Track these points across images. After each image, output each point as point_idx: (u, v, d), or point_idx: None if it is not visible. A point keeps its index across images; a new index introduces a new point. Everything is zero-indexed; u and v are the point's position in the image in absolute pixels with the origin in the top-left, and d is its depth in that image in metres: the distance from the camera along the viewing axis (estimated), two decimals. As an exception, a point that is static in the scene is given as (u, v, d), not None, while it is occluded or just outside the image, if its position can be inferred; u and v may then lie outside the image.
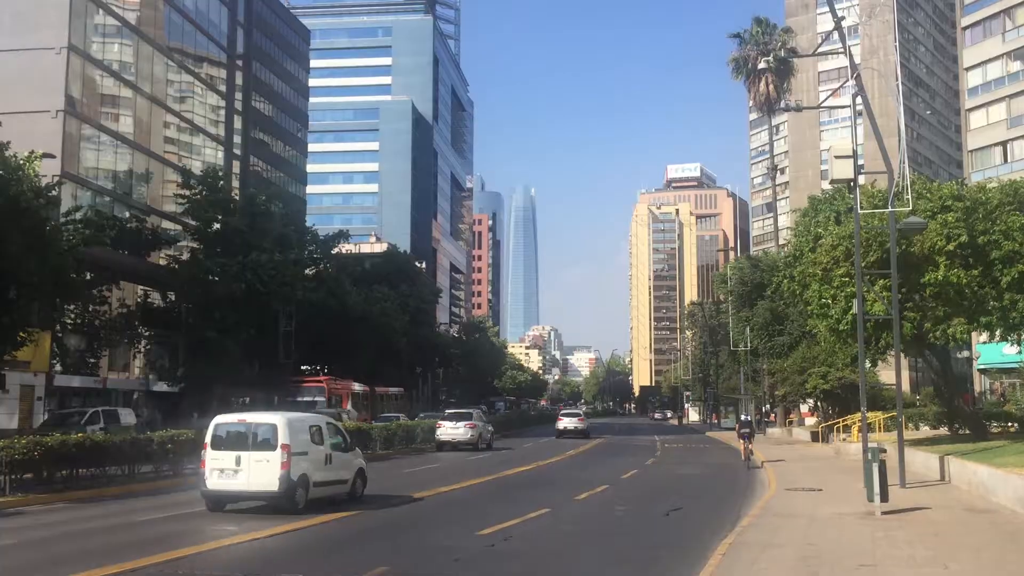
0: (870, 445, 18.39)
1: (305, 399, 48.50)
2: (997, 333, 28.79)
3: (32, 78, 49.87)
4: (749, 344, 59.28)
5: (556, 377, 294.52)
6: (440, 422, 41.82)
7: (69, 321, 45.96)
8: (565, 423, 57.22)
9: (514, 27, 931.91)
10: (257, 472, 17.13)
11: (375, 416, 51.71)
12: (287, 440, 17.30)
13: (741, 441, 33.43)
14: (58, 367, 46.91)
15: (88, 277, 40.30)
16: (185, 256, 53.15)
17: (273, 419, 18.03)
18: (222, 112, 72.56)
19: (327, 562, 12.83)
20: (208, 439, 17.82)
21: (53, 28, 50.98)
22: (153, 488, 22.56)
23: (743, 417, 37.65)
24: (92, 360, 50.81)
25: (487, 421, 46.14)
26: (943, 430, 35.89)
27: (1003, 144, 64.22)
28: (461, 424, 40.96)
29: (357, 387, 56.18)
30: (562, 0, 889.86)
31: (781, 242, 65.62)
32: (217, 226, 52.43)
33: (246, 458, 17.27)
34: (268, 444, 17.38)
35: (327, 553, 13.58)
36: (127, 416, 36.98)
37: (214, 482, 17.39)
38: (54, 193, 33.24)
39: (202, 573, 11.88)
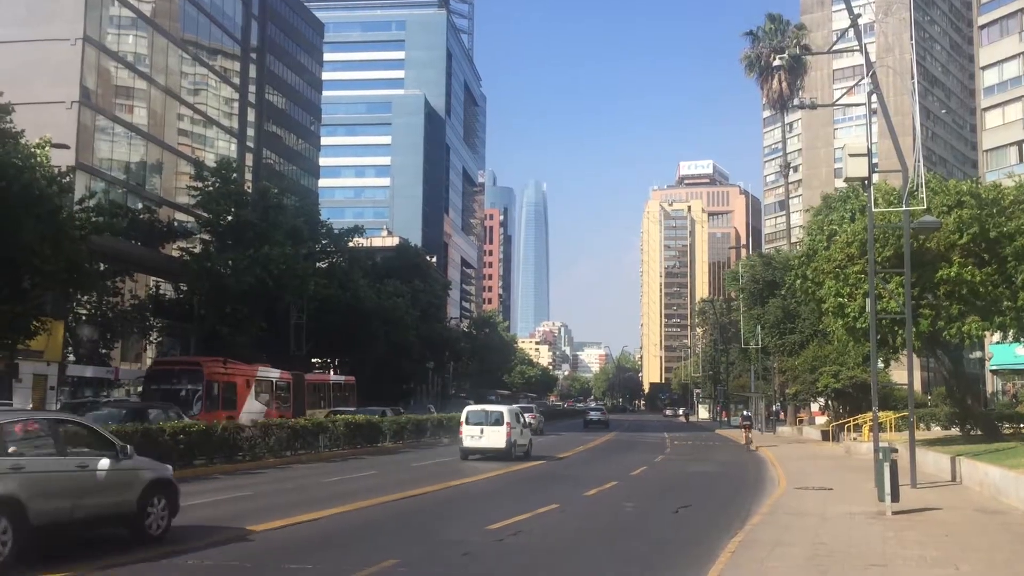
0: (881, 445, 18.32)
1: (164, 387, 34.45)
2: (1011, 334, 28.65)
3: (47, 69, 50.10)
4: (760, 342, 59.15)
5: (566, 373, 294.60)
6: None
7: (82, 311, 46.24)
8: (592, 415, 75.52)
9: (526, 22, 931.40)
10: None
11: (299, 411, 41.16)
12: None
13: (743, 429, 44.75)
14: (71, 357, 47.18)
15: (101, 268, 40.51)
16: (197, 248, 53.32)
17: None
18: (235, 104, 72.74)
19: (338, 553, 12.86)
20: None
21: (68, 19, 51.20)
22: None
23: (744, 412, 49.60)
24: (104, 350, 51.09)
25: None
26: (955, 430, 35.75)
27: (1019, 144, 63.87)
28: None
29: (269, 373, 41.10)
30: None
31: (793, 240, 65.39)
32: (229, 218, 52.59)
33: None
34: None
35: (337, 544, 13.61)
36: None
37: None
38: (67, 180, 33.38)
39: (206, 563, 11.90)
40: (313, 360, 64.70)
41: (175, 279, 53.93)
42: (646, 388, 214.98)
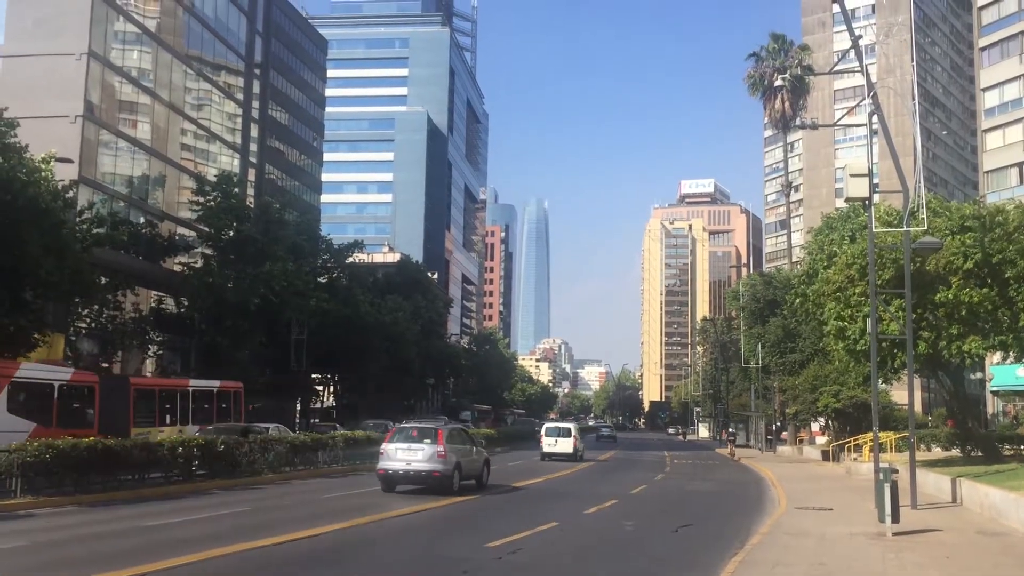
0: (882, 465, 18.29)
1: None
2: (1011, 355, 28.61)
3: (52, 83, 50.36)
4: (760, 361, 59.09)
5: (566, 390, 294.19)
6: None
7: (83, 324, 46.25)
8: (603, 431, 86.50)
9: (529, 41, 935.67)
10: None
11: (117, 427, 28.62)
12: None
13: (729, 444, 56.45)
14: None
15: (103, 281, 40.57)
16: (199, 263, 53.40)
17: None
18: (239, 120, 73.01)
19: (335, 571, 12.82)
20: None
21: (74, 34, 51.49)
22: (163, 494, 22.61)
23: (729, 429, 61.54)
24: (105, 363, 51.04)
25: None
26: (955, 451, 35.62)
27: (1019, 165, 64.03)
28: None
29: (39, 372, 28.09)
30: (577, 15, 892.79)
31: (795, 259, 65.44)
32: (231, 233, 52.69)
33: None
34: None
35: (335, 561, 13.57)
36: None
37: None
38: (71, 195, 33.54)
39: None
40: (313, 375, 64.68)
41: (176, 293, 53.99)
42: (646, 406, 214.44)
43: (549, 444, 43.99)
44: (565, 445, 43.73)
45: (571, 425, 47.91)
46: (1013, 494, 18.52)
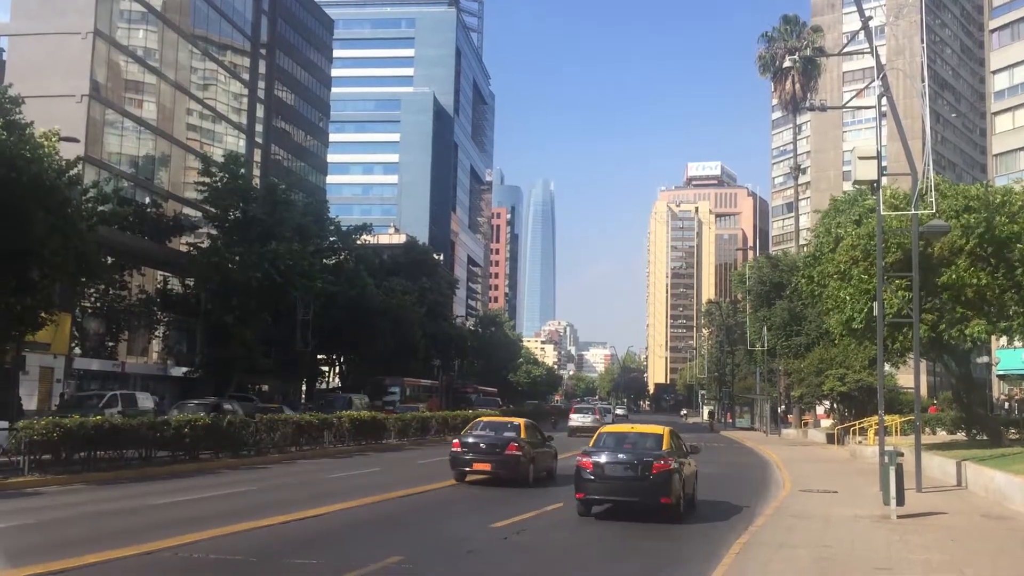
0: (887, 448, 18.28)
1: None
2: (1017, 339, 28.54)
3: (58, 62, 50.25)
4: (766, 344, 59.05)
5: (571, 372, 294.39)
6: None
7: (89, 305, 46.34)
8: (618, 411, 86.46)
9: (536, 21, 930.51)
10: None
11: None
12: None
13: (710, 418, 64.87)
14: (77, 350, 47.29)
15: (109, 261, 40.61)
16: (205, 243, 53.40)
17: None
18: (245, 100, 72.85)
19: (342, 548, 12.88)
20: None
21: (79, 13, 51.33)
22: (169, 472, 22.71)
23: (710, 409, 64.77)
24: (111, 344, 51.22)
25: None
26: (960, 435, 35.62)
27: (1029, 148, 63.62)
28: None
29: None
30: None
31: (801, 242, 65.27)
32: (237, 214, 52.64)
33: None
34: None
35: (341, 539, 13.63)
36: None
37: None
38: (76, 171, 33.43)
39: (211, 557, 11.94)
40: (319, 356, 64.75)
41: (182, 273, 54.02)
42: (651, 389, 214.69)
43: (577, 420, 54.75)
44: (589, 420, 54.48)
45: (595, 405, 68.36)
46: (1018, 478, 18.51)
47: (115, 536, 12.97)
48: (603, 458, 16.43)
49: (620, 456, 16.54)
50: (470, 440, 22.49)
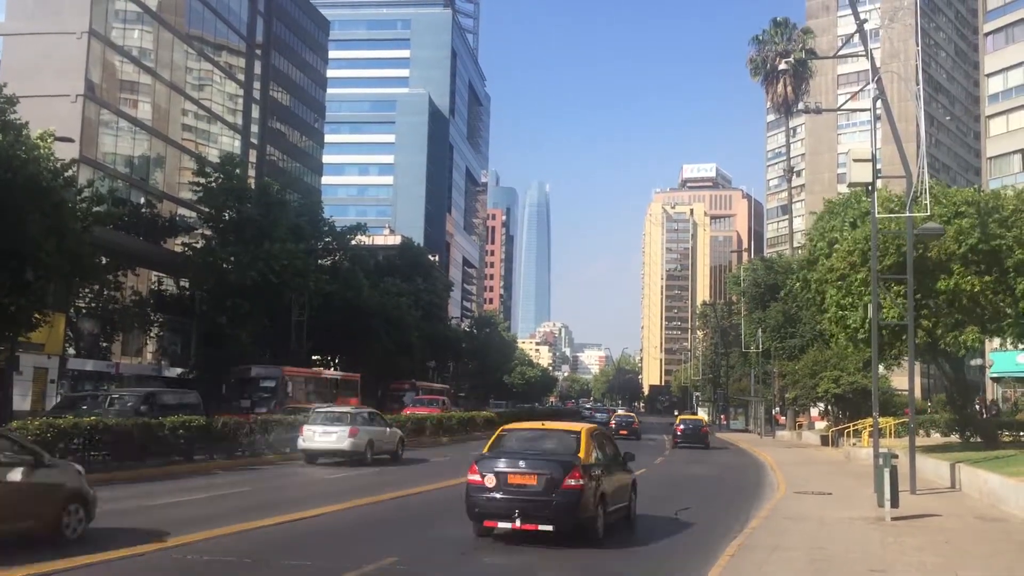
0: (881, 450, 18.30)
1: None
2: (1009, 342, 28.60)
3: (53, 62, 50.12)
4: (761, 346, 59.11)
5: (566, 374, 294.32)
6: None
7: (83, 305, 46.23)
8: (619, 412, 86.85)
9: (532, 23, 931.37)
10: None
11: None
12: None
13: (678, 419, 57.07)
14: (71, 350, 47.18)
15: (103, 261, 40.55)
16: (200, 244, 53.31)
17: None
18: (240, 100, 72.77)
19: (336, 550, 12.86)
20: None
21: (75, 13, 51.23)
22: (164, 474, 22.62)
23: (679, 413, 65.38)
24: (105, 344, 51.08)
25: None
26: (954, 437, 35.69)
27: (1022, 151, 63.75)
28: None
29: None
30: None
31: (796, 244, 65.37)
32: (231, 214, 52.59)
33: None
34: None
35: (335, 541, 13.61)
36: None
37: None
38: (71, 173, 33.38)
39: (205, 559, 11.91)
40: (314, 357, 64.68)
41: (177, 274, 53.93)
42: (646, 390, 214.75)
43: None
44: (602, 418, 60.66)
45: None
46: (1012, 480, 18.55)
47: (108, 538, 12.93)
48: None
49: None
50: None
